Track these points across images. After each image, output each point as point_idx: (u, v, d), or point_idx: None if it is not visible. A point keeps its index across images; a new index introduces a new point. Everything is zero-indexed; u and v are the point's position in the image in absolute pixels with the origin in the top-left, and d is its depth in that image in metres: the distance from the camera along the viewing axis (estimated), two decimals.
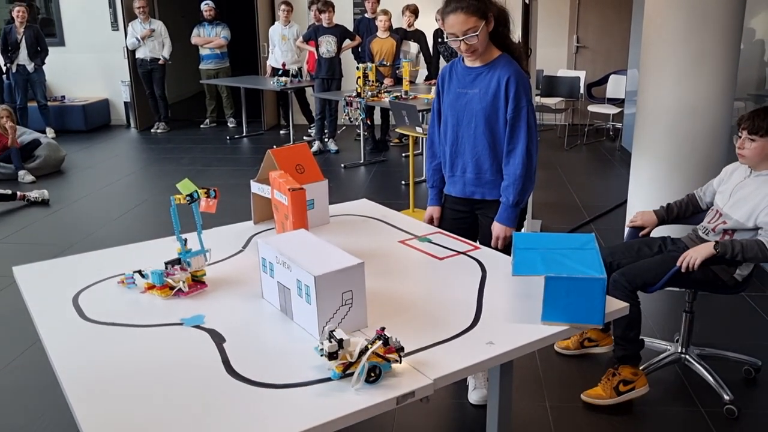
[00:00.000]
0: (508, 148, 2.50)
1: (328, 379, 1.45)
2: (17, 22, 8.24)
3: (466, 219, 2.71)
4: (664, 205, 3.01)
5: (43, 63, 8.52)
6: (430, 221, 2.76)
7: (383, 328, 1.52)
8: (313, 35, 7.48)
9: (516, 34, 2.66)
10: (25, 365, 3.19)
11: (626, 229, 3.06)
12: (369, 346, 1.46)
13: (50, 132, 8.54)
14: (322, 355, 1.47)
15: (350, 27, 8.05)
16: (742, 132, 2.70)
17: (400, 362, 1.49)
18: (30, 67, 8.39)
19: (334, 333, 1.48)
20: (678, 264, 2.58)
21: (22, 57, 8.34)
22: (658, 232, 3.04)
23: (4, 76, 8.51)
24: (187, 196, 1.95)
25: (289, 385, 1.43)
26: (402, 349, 1.51)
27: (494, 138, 2.52)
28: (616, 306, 1.79)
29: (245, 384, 1.44)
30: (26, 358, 3.24)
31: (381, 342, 1.48)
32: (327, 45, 7.38)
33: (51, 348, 1.63)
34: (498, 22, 2.47)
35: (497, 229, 2.57)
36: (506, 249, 2.55)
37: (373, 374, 1.45)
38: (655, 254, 2.85)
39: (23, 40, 8.27)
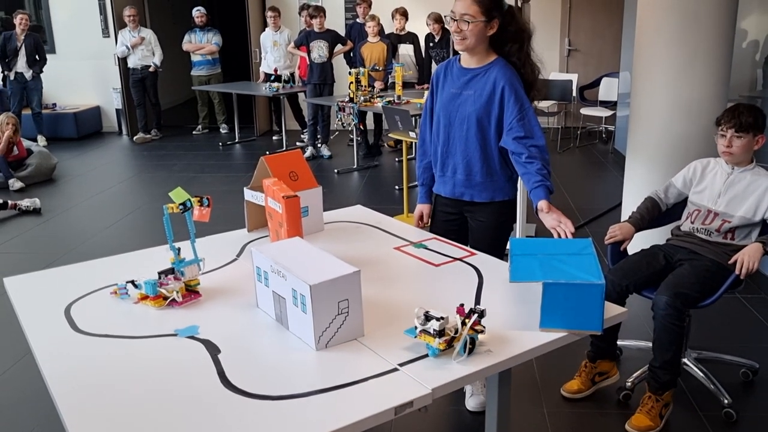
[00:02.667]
0: (525, 147, 2.40)
1: (324, 390, 1.43)
2: (18, 30, 8.22)
3: (456, 221, 2.69)
4: (635, 214, 2.97)
5: (41, 71, 8.51)
6: (420, 218, 2.75)
7: (462, 305, 1.62)
8: (304, 41, 7.47)
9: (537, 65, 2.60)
10: (17, 377, 3.15)
11: (608, 248, 2.96)
12: (466, 320, 1.57)
13: (41, 140, 8.49)
14: (415, 336, 1.58)
15: (342, 32, 8.04)
16: (727, 131, 2.73)
17: (484, 332, 1.61)
18: (28, 74, 8.38)
19: (430, 312, 1.58)
20: (737, 272, 2.55)
21: (21, 64, 8.32)
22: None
23: (1, 83, 8.47)
24: (179, 204, 1.92)
25: (285, 397, 1.41)
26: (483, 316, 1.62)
27: (485, 140, 2.50)
28: (614, 311, 1.77)
29: (241, 396, 1.42)
30: (18, 370, 3.20)
31: (476, 315, 1.59)
32: (318, 50, 7.37)
33: (42, 360, 1.60)
34: (509, 35, 2.45)
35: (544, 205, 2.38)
36: (496, 246, 2.55)
37: (471, 345, 1.57)
38: (665, 265, 2.81)
39: (23, 48, 8.26)
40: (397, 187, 6.33)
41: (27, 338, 1.72)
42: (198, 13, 8.87)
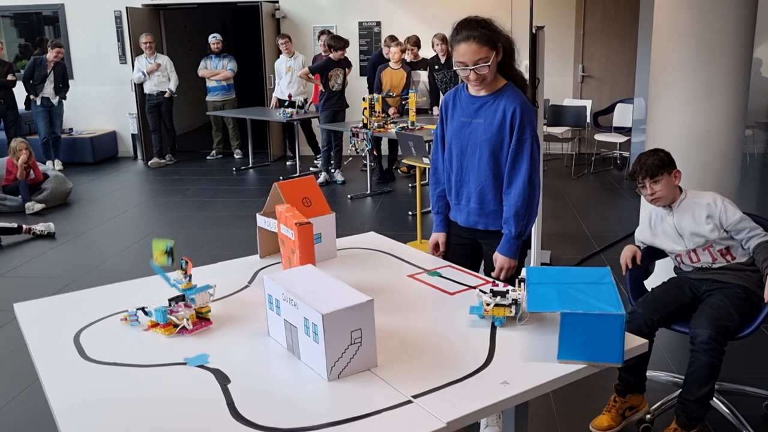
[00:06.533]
0: (508, 179, 2.46)
1: (336, 423, 1.39)
2: (52, 57, 8.37)
3: (469, 245, 2.68)
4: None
5: (65, 97, 8.67)
6: (436, 247, 2.72)
7: (495, 282, 1.96)
8: (323, 69, 7.41)
9: (523, 64, 2.64)
10: (24, 404, 3.12)
11: (624, 272, 2.93)
12: (518, 289, 1.87)
13: (58, 164, 8.60)
14: (482, 314, 1.85)
15: (353, 59, 8.05)
16: (643, 181, 2.77)
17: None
18: (55, 100, 8.53)
19: (494, 289, 1.86)
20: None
21: (48, 90, 8.47)
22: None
23: (23, 106, 8.61)
24: (164, 253, 1.93)
25: (296, 430, 1.37)
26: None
27: (498, 168, 2.49)
28: (634, 343, 1.72)
29: (251, 428, 1.39)
30: (26, 397, 3.18)
31: (524, 283, 1.86)
32: (336, 78, 7.39)
33: (50, 389, 1.57)
34: (505, 52, 2.44)
35: (500, 260, 2.51)
36: (509, 280, 2.50)
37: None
38: (692, 298, 2.77)
39: (51, 74, 8.42)
40: (410, 213, 6.30)
41: (35, 365, 1.70)
42: (214, 39, 8.98)
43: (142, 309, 1.92)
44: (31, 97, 8.44)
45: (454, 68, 2.44)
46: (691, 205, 2.77)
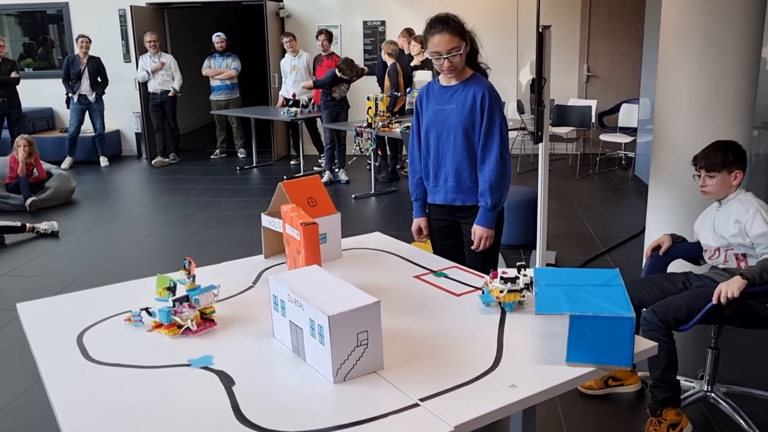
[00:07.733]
0: (482, 157, 2.68)
1: (342, 427, 1.37)
2: (80, 53, 8.47)
3: (450, 227, 2.87)
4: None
5: (104, 93, 8.74)
6: (419, 231, 2.92)
7: (494, 270, 1.96)
8: (327, 85, 7.33)
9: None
10: (27, 405, 3.11)
11: (645, 259, 2.98)
12: (526, 274, 1.92)
13: (104, 161, 8.90)
14: (489, 303, 1.93)
15: (358, 59, 8.04)
16: (700, 170, 2.79)
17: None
18: (91, 97, 8.60)
19: (503, 276, 1.90)
20: (714, 301, 2.50)
21: (84, 87, 8.54)
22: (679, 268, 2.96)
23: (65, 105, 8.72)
24: (166, 288, 1.92)
25: None
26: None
27: (471, 148, 2.70)
28: (645, 346, 1.70)
29: (255, 431, 1.37)
30: (28, 398, 3.16)
31: (526, 269, 1.93)
32: (340, 93, 7.40)
33: (52, 389, 1.56)
34: (471, 46, 2.68)
35: (479, 231, 2.72)
36: (488, 251, 2.74)
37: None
38: (679, 290, 2.79)
39: (86, 71, 8.48)
40: None
41: (38, 366, 1.68)
42: (218, 38, 8.97)
43: (146, 309, 1.90)
44: (69, 95, 8.50)
45: (429, 57, 2.68)
46: (732, 207, 2.76)
